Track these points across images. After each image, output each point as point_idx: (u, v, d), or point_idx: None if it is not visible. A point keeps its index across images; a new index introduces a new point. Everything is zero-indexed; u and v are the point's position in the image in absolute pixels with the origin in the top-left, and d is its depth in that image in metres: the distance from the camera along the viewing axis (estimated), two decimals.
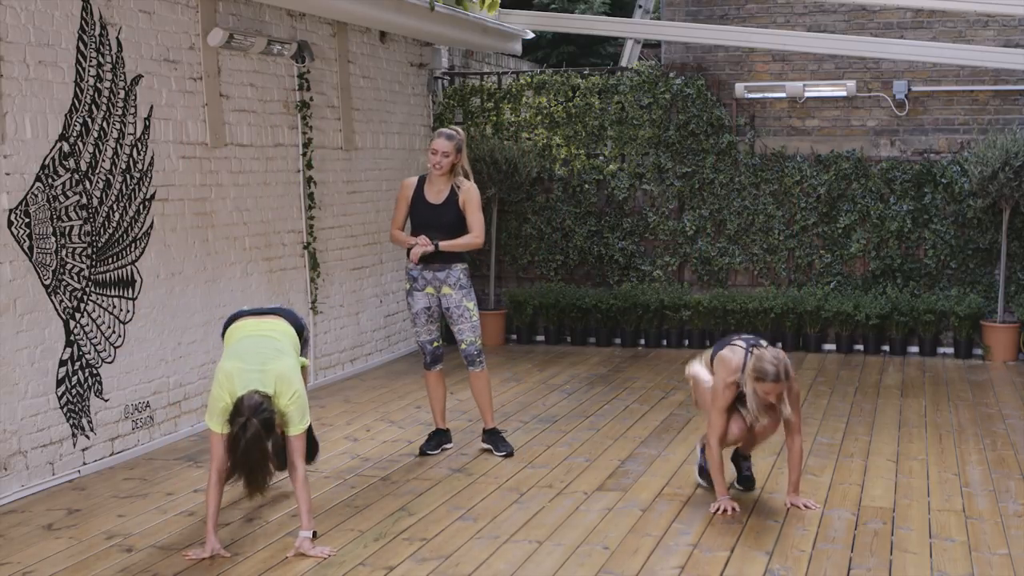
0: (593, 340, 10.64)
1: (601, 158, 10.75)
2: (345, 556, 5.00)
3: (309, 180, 8.66)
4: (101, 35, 6.56)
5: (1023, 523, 5.30)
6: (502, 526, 5.38)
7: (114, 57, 6.66)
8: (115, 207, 6.66)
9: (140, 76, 6.86)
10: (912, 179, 9.97)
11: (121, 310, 6.73)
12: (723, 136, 10.35)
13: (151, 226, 6.97)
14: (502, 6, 10.44)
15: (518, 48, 11.46)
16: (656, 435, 7.10)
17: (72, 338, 6.35)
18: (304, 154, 8.60)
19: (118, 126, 6.68)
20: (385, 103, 9.91)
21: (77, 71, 6.38)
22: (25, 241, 6.02)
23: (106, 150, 6.58)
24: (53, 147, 6.22)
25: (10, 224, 5.93)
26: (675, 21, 10.46)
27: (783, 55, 10.33)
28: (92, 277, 6.50)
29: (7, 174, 5.92)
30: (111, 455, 6.63)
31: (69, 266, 6.33)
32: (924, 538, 5.11)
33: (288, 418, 4.97)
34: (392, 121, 10.03)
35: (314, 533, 5.10)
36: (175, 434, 7.17)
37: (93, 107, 6.49)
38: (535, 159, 10.69)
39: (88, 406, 6.47)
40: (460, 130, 6.59)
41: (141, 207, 6.88)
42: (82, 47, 6.41)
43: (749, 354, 5.38)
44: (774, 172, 10.29)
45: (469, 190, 6.52)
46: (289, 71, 8.47)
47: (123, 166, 6.72)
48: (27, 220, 6.03)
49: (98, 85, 6.53)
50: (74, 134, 6.36)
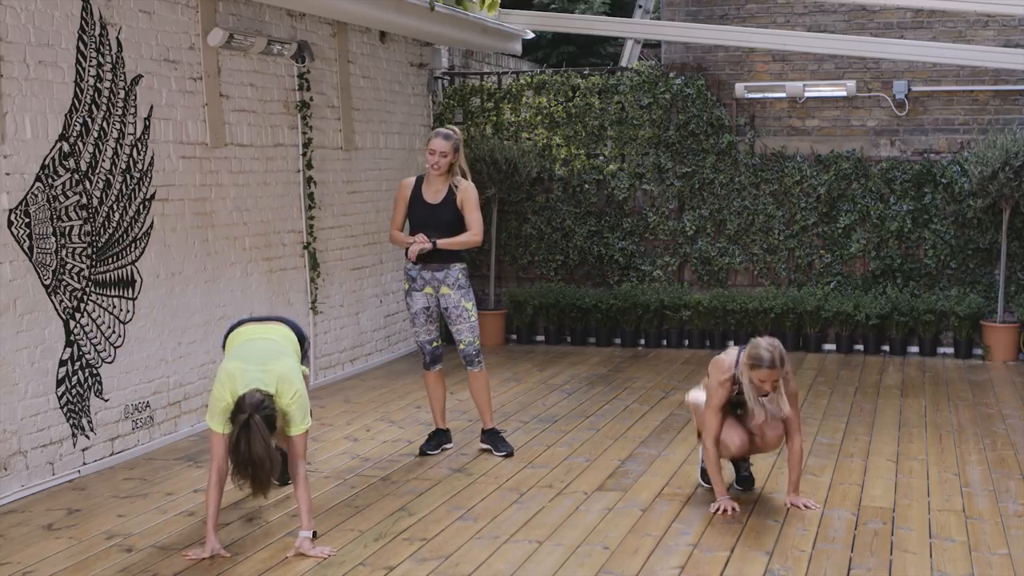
0: (593, 340, 10.64)
1: (601, 158, 10.74)
2: (345, 556, 5.00)
3: (309, 180, 8.66)
4: (101, 35, 6.56)
5: (1023, 523, 5.30)
6: (502, 526, 5.38)
7: (114, 57, 6.66)
8: (115, 207, 6.66)
9: (140, 76, 6.86)
10: (912, 179, 9.97)
11: (121, 310, 6.73)
12: (723, 136, 10.35)
13: (151, 226, 6.97)
14: (502, 6, 10.43)
15: (518, 48, 11.46)
16: (656, 435, 7.10)
17: (72, 338, 6.35)
18: (304, 154, 8.60)
19: (118, 126, 6.68)
20: (385, 103, 9.90)
21: (77, 71, 6.38)
22: (25, 241, 6.02)
23: (106, 150, 6.58)
24: (53, 147, 6.22)
25: (10, 224, 5.93)
26: (675, 21, 10.46)
27: (783, 55, 10.33)
28: (92, 277, 6.50)
29: (7, 174, 5.92)
30: (111, 455, 6.63)
31: (69, 266, 6.33)
32: (924, 538, 5.11)
33: (290, 418, 4.97)
34: (392, 121, 10.03)
35: (314, 533, 5.10)
36: (175, 434, 7.17)
37: (93, 107, 6.49)
38: (535, 159, 10.69)
39: (88, 406, 6.47)
40: (457, 129, 6.60)
41: (141, 207, 6.88)
42: (82, 47, 6.41)
43: (742, 351, 5.40)
44: (774, 172, 10.28)
45: (467, 189, 6.52)
46: (289, 71, 8.47)
47: (123, 166, 6.72)
48: (27, 220, 6.03)
49: (98, 85, 6.52)
50: (74, 134, 6.36)
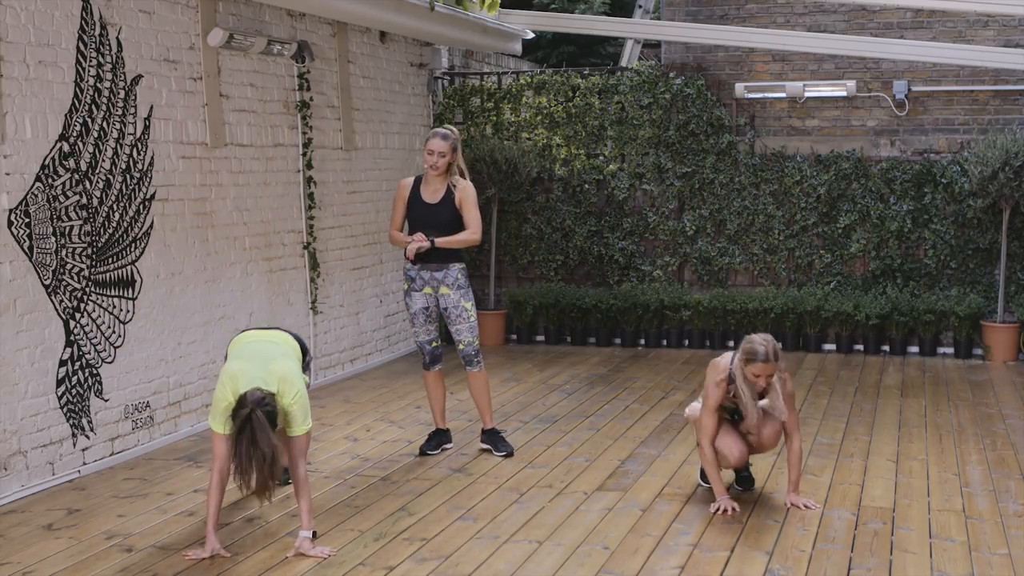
0: (593, 340, 10.64)
1: (601, 158, 10.74)
2: (345, 556, 5.00)
3: (309, 180, 8.66)
4: (101, 35, 6.55)
5: (1023, 523, 5.30)
6: (502, 526, 5.38)
7: (114, 57, 6.66)
8: (115, 207, 6.66)
9: (140, 76, 6.86)
10: (912, 179, 9.97)
11: (121, 310, 6.73)
12: (723, 136, 10.35)
13: (151, 226, 6.97)
14: (502, 6, 10.44)
15: (518, 48, 11.46)
16: (656, 435, 7.10)
17: (72, 338, 6.35)
18: (304, 154, 8.60)
19: (118, 126, 6.68)
20: (385, 103, 9.90)
21: (77, 71, 6.38)
22: (25, 241, 6.02)
23: (106, 150, 6.58)
24: (53, 147, 6.22)
25: (10, 224, 5.93)
26: (675, 21, 10.46)
27: (783, 55, 10.33)
28: (92, 277, 6.50)
29: (7, 174, 5.92)
30: (111, 455, 6.63)
31: (69, 266, 6.33)
32: (924, 538, 5.11)
33: (291, 418, 4.97)
34: (392, 121, 10.02)
35: (314, 533, 5.10)
36: (175, 434, 7.17)
37: (93, 107, 6.49)
38: (535, 159, 10.69)
39: (88, 406, 6.47)
40: (455, 129, 6.60)
41: (141, 207, 6.88)
42: (82, 47, 6.41)
43: (737, 352, 5.40)
44: (774, 172, 10.28)
45: (465, 188, 6.52)
46: (289, 71, 8.47)
47: (123, 166, 6.72)
48: (27, 220, 6.03)
49: (98, 85, 6.52)
50: (74, 134, 6.36)
